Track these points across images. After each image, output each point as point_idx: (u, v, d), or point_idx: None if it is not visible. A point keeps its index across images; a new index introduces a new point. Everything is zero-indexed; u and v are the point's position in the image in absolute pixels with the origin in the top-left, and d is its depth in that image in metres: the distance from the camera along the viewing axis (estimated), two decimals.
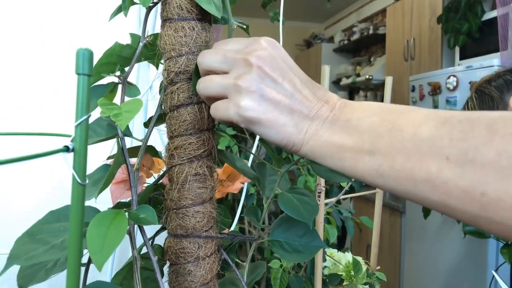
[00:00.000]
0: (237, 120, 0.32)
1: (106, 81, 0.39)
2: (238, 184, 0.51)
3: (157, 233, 0.43)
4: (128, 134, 0.39)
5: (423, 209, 1.77)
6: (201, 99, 0.38)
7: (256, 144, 0.79)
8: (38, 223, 0.32)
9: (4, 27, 0.83)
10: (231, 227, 0.76)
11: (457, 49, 2.48)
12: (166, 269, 0.41)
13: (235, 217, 0.79)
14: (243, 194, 0.84)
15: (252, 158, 0.71)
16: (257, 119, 0.31)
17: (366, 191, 0.91)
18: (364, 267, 0.72)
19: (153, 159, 0.46)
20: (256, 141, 0.75)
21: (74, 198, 0.23)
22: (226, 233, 0.45)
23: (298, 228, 0.43)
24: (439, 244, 2.00)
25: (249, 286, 0.45)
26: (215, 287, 0.41)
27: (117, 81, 0.39)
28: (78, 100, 0.22)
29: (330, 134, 0.31)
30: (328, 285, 0.68)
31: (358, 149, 0.30)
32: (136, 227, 0.37)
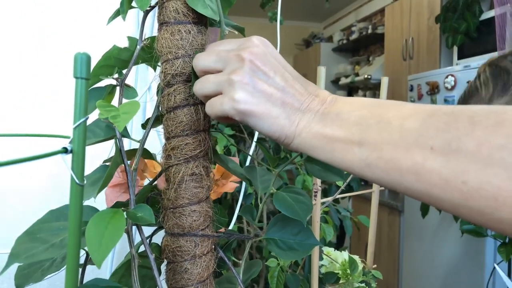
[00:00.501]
0: (232, 114, 0.33)
1: (105, 83, 0.40)
2: (233, 184, 0.52)
3: (155, 232, 0.44)
4: (126, 135, 0.40)
5: (421, 208, 1.78)
6: (198, 101, 0.39)
7: (254, 145, 0.80)
8: (38, 222, 0.33)
9: (4, 27, 0.83)
10: (230, 226, 0.77)
11: (455, 49, 2.49)
12: (164, 267, 0.42)
13: (233, 216, 0.80)
14: (241, 194, 0.85)
15: (250, 159, 0.72)
16: (251, 112, 0.32)
17: (364, 190, 0.92)
18: (361, 266, 0.73)
19: (147, 162, 0.47)
20: (254, 142, 0.76)
21: (73, 198, 0.24)
22: (223, 232, 0.45)
23: (293, 227, 0.44)
24: (437, 243, 2.01)
25: (245, 284, 0.46)
26: (212, 285, 0.42)
27: (115, 83, 0.40)
28: (76, 103, 0.23)
29: (321, 127, 0.32)
30: (325, 284, 0.69)
31: (348, 141, 0.31)
32: (134, 226, 0.37)
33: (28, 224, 0.33)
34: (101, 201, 0.41)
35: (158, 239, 0.43)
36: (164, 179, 0.42)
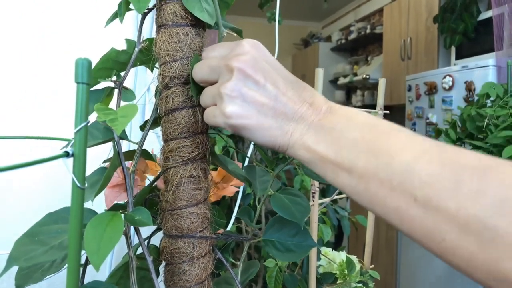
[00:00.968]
0: (224, 127, 0.34)
1: (102, 86, 0.40)
2: (232, 188, 0.52)
3: (153, 234, 0.44)
4: (125, 138, 0.40)
5: None
6: (196, 103, 0.40)
7: (252, 147, 0.80)
8: (37, 225, 0.33)
9: (4, 27, 0.83)
10: (228, 226, 0.77)
11: (453, 49, 2.50)
12: (162, 269, 0.42)
13: (232, 217, 0.80)
14: (240, 194, 0.85)
15: (248, 160, 0.72)
16: (242, 126, 0.32)
17: None
18: (358, 266, 0.73)
19: (147, 162, 0.47)
20: (252, 144, 0.76)
21: (74, 202, 0.24)
22: (221, 233, 0.46)
23: (291, 228, 0.44)
24: None
25: (243, 285, 0.47)
26: (210, 286, 0.42)
27: (113, 86, 0.40)
28: (77, 108, 0.23)
29: (314, 142, 0.32)
30: (322, 284, 0.70)
31: (338, 164, 0.31)
32: (132, 228, 0.38)
33: (28, 224, 0.33)
34: (98, 203, 0.42)
35: (157, 241, 0.44)
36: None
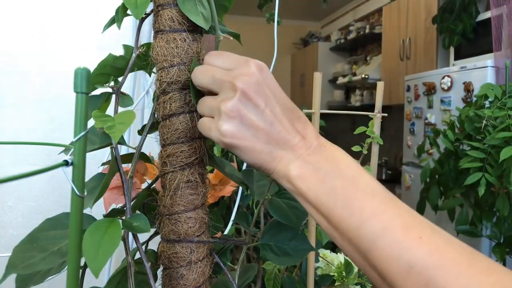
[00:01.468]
0: (217, 142, 0.34)
1: (100, 92, 0.40)
2: (230, 188, 0.53)
3: (151, 238, 0.45)
4: (122, 143, 0.40)
5: (417, 209, 1.79)
6: (193, 109, 0.40)
7: None
8: (36, 230, 0.34)
9: (4, 27, 0.83)
10: (227, 228, 0.77)
11: (452, 50, 2.50)
12: (160, 273, 0.42)
13: (231, 217, 0.81)
14: (239, 195, 0.85)
15: (246, 164, 0.72)
16: (235, 145, 0.33)
17: None
18: (356, 268, 0.74)
19: (147, 165, 0.47)
20: None
21: (73, 210, 0.24)
22: (218, 237, 0.46)
23: (288, 232, 0.44)
24: None
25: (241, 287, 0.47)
26: None
27: (111, 92, 0.40)
28: (77, 117, 0.24)
29: (297, 176, 0.33)
30: (320, 286, 0.70)
31: (317, 207, 0.33)
32: (130, 233, 0.38)
33: (26, 226, 0.33)
34: (96, 207, 0.42)
35: (154, 245, 0.44)
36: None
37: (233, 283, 0.43)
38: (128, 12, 0.41)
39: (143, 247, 0.41)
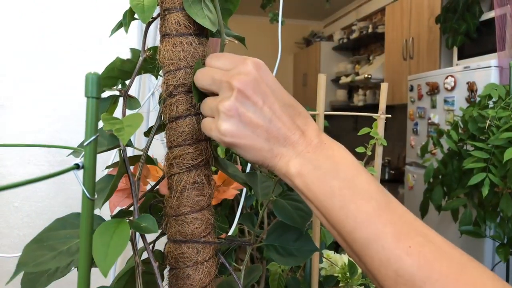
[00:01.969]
0: (218, 142, 0.35)
1: (107, 94, 0.41)
2: (233, 191, 0.53)
3: (157, 239, 0.45)
4: (130, 145, 0.41)
5: (421, 209, 1.79)
6: (199, 111, 0.40)
7: None
8: (46, 230, 0.34)
9: (4, 27, 0.84)
10: (231, 228, 0.77)
11: (455, 49, 2.49)
12: (166, 273, 0.43)
13: (235, 218, 0.81)
14: (243, 196, 0.86)
15: (250, 165, 0.73)
16: (235, 144, 0.34)
17: None
18: (360, 269, 0.74)
19: (149, 167, 0.48)
20: None
21: (84, 212, 0.25)
22: (224, 238, 0.46)
23: (292, 233, 0.45)
24: None
25: None
26: None
27: (119, 95, 0.41)
28: (87, 121, 0.24)
29: (296, 174, 0.33)
30: (324, 287, 0.70)
31: (316, 207, 0.33)
32: (138, 234, 0.38)
33: (32, 227, 0.34)
34: (102, 208, 0.42)
35: (161, 246, 0.44)
36: (165, 184, 0.43)
37: (239, 284, 0.44)
38: (136, 16, 0.42)
39: (150, 248, 0.41)
